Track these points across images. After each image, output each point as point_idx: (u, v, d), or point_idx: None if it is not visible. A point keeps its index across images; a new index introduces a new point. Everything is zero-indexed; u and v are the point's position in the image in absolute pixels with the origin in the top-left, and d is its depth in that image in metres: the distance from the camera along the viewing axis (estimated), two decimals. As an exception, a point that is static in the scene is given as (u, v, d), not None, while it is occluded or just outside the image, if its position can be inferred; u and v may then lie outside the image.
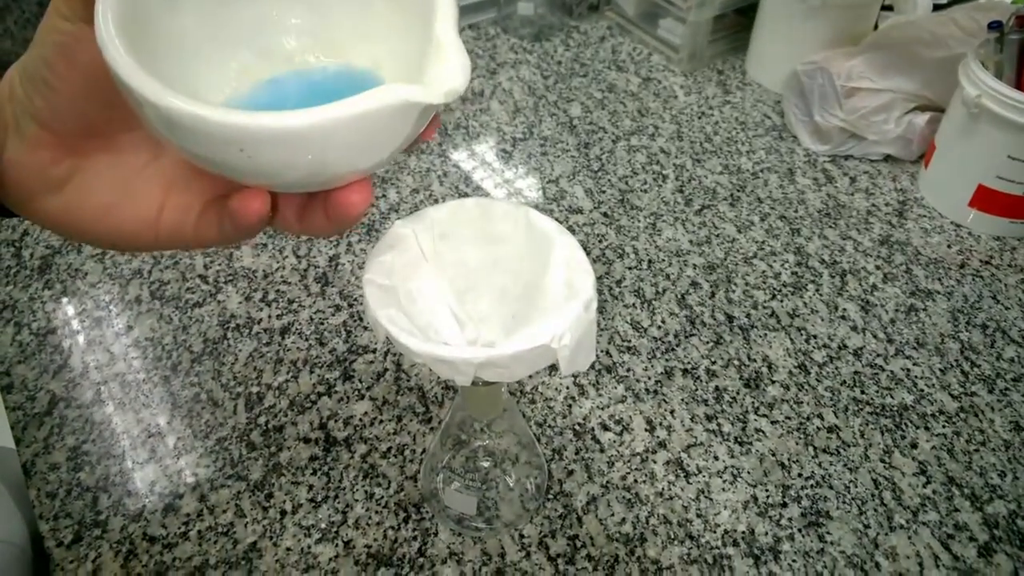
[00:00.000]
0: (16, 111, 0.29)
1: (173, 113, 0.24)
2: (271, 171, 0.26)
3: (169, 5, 0.29)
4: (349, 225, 0.30)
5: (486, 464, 0.49)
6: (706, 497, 0.52)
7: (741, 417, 0.56)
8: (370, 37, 0.32)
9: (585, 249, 0.38)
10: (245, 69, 0.31)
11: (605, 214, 0.72)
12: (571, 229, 0.69)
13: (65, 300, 0.64)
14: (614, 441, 0.54)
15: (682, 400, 0.57)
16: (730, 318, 0.63)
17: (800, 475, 0.53)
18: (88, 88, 0.28)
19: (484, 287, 0.41)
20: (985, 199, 0.70)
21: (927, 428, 0.56)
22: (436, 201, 0.72)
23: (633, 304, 0.64)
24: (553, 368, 0.59)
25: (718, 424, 0.56)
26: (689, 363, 0.60)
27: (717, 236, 0.70)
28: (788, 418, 0.56)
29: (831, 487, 0.52)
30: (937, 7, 0.86)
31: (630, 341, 0.61)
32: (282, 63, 0.32)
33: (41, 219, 0.32)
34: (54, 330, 0.61)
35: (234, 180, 0.27)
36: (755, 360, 0.60)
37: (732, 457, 0.54)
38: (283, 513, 0.50)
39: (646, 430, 0.55)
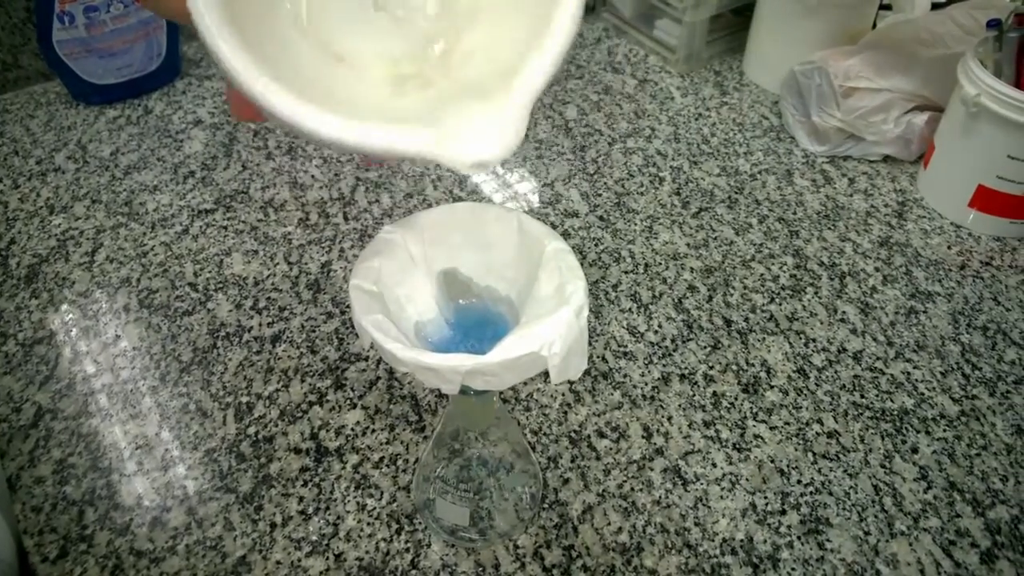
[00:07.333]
0: None
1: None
2: None
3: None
4: None
5: (480, 473, 0.49)
6: (704, 505, 0.51)
7: (739, 423, 0.55)
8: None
9: (581, 253, 0.37)
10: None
11: (601, 217, 0.71)
12: (567, 233, 0.68)
13: (52, 310, 0.63)
14: (610, 448, 0.54)
15: (679, 406, 0.56)
16: (728, 322, 0.62)
17: (799, 481, 0.52)
18: None
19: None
20: (985, 199, 0.69)
21: (928, 432, 0.55)
22: (430, 206, 0.72)
23: (629, 308, 0.63)
24: (546, 375, 0.58)
25: (716, 430, 0.55)
26: (686, 368, 0.59)
27: (715, 239, 0.70)
28: (787, 424, 0.55)
29: (831, 493, 0.51)
30: (936, 6, 0.86)
31: (626, 346, 0.60)
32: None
33: None
34: (40, 340, 0.60)
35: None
36: (753, 365, 0.59)
37: (730, 464, 0.53)
38: (273, 526, 0.49)
39: (643, 437, 0.54)
